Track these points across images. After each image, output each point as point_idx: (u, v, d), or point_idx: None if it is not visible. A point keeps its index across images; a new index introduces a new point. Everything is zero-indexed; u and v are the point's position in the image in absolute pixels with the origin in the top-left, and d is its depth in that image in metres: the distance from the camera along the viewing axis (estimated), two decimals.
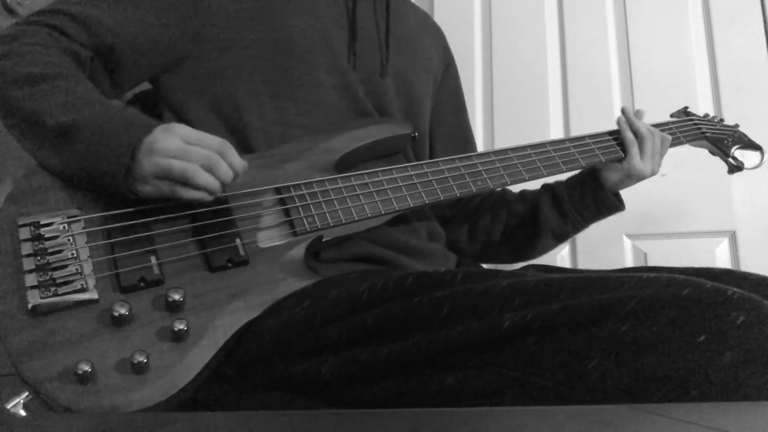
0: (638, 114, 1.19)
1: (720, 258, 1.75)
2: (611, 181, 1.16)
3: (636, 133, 1.15)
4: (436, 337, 0.65)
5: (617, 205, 1.17)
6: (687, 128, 1.30)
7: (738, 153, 1.34)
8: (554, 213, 1.18)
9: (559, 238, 1.21)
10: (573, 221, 1.18)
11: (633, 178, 1.15)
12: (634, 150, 1.14)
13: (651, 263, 1.77)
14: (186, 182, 0.79)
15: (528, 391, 0.60)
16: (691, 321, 0.55)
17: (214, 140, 0.82)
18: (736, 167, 1.33)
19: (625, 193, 1.17)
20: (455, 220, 1.23)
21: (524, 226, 1.21)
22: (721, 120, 1.40)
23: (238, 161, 0.83)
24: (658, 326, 0.56)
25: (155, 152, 0.78)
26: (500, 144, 1.99)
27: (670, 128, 1.27)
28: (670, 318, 0.56)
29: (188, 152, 0.79)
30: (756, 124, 1.71)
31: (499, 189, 1.17)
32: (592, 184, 1.16)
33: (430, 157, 1.17)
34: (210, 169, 0.80)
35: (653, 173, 1.16)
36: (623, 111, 1.18)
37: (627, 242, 1.83)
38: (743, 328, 0.54)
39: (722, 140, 1.33)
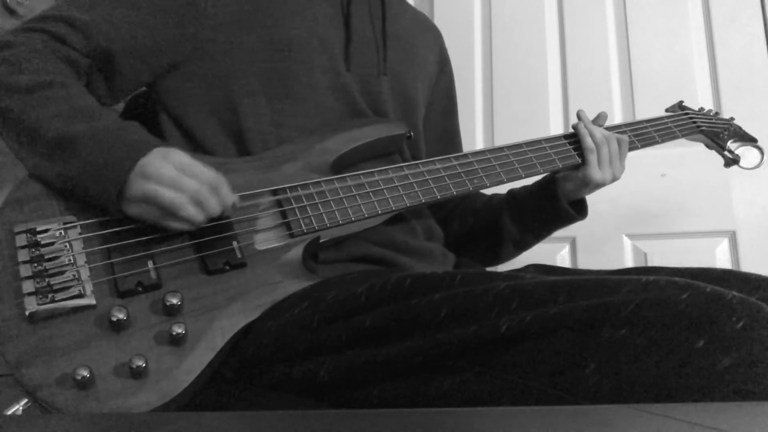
0: (600, 117, 1.18)
1: (720, 258, 1.74)
2: (568, 191, 1.14)
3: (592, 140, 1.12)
4: (433, 340, 0.65)
5: (574, 216, 1.15)
6: (682, 122, 1.29)
7: (734, 146, 1.34)
8: (514, 225, 1.18)
9: (521, 248, 1.21)
10: (533, 232, 1.18)
11: (591, 186, 1.13)
12: (592, 158, 1.11)
13: (651, 263, 1.77)
14: (172, 213, 0.78)
15: (526, 395, 0.59)
16: (689, 326, 0.54)
17: (209, 174, 0.81)
18: (732, 160, 1.32)
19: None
20: None
21: (488, 235, 1.21)
22: (717, 113, 1.39)
23: (229, 198, 0.82)
24: (656, 331, 0.55)
25: (148, 176, 0.77)
26: (500, 143, 1.98)
27: (665, 122, 1.26)
28: (668, 323, 0.55)
29: (180, 183, 0.78)
30: (756, 123, 1.70)
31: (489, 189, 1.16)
32: (549, 195, 1.14)
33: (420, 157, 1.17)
34: (198, 203, 0.79)
35: (615, 179, 1.14)
36: (579, 116, 1.16)
37: (627, 242, 1.83)
38: (743, 332, 0.53)
39: (718, 134, 1.33)
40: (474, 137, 1.99)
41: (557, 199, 1.13)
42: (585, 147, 1.11)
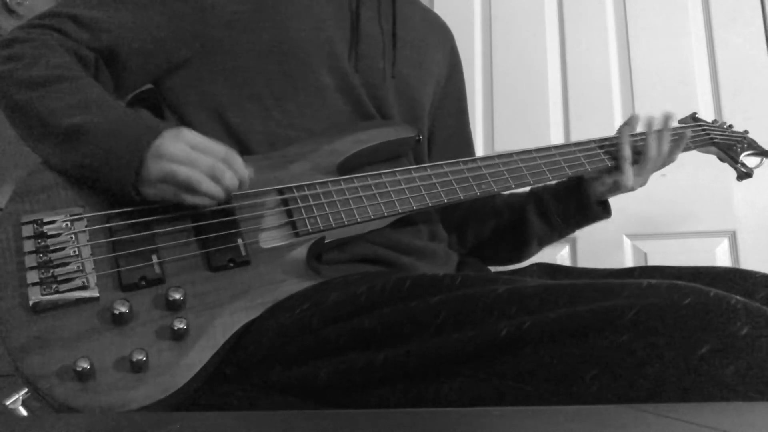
0: (651, 121, 1.16)
1: (720, 258, 1.75)
2: (598, 192, 1.14)
3: (647, 151, 1.12)
4: (431, 344, 0.64)
5: (602, 215, 1.16)
6: (696, 134, 1.27)
7: (747, 160, 1.32)
8: (540, 222, 1.17)
9: (543, 244, 1.22)
10: (558, 230, 1.18)
11: (621, 191, 1.13)
12: (626, 166, 1.11)
13: (651, 263, 1.77)
14: (190, 189, 0.79)
15: (525, 401, 0.59)
16: (692, 332, 0.54)
17: (221, 148, 0.82)
18: (745, 174, 1.29)
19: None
20: (444, 225, 1.22)
21: (511, 234, 1.21)
22: (730, 126, 1.37)
23: (243, 170, 0.83)
24: (658, 337, 0.54)
25: (163, 157, 0.79)
26: (500, 144, 1.99)
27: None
28: (670, 329, 0.54)
29: (195, 159, 0.79)
30: (756, 124, 1.71)
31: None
32: (577, 194, 1.14)
33: (429, 160, 1.17)
34: (215, 178, 0.80)
35: (641, 186, 1.15)
36: (629, 122, 1.16)
37: (627, 242, 1.83)
38: (747, 338, 0.52)
39: (731, 146, 1.31)
40: (474, 137, 1.99)
41: (587, 199, 1.13)
42: (623, 153, 1.11)
